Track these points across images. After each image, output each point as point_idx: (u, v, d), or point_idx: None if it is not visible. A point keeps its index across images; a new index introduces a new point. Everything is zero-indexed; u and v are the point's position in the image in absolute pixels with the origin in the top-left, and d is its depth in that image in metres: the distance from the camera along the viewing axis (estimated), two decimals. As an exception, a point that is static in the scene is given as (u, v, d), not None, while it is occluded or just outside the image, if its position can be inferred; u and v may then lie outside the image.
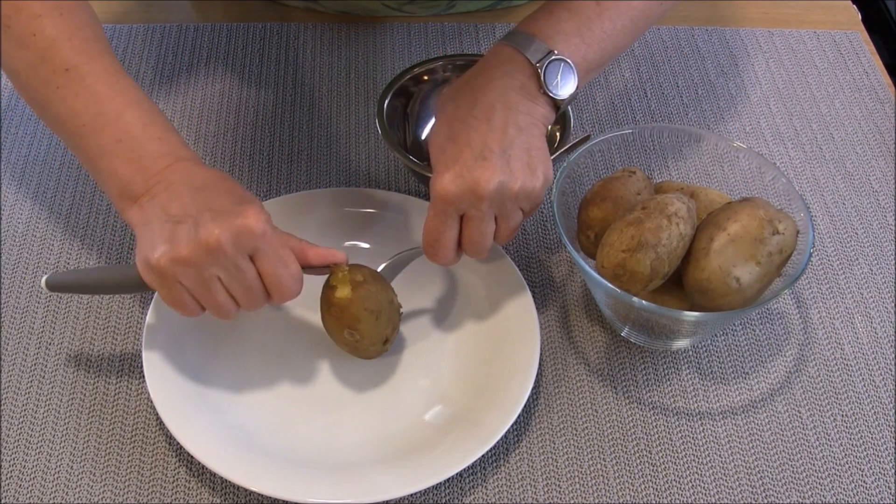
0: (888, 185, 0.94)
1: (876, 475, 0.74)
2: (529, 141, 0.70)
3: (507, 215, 0.71)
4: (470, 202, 0.69)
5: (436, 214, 0.70)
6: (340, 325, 0.73)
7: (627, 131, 0.83)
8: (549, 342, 0.81)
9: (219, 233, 0.63)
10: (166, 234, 0.64)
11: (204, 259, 0.64)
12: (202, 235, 0.63)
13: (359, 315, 0.72)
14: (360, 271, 0.72)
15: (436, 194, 0.69)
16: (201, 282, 0.65)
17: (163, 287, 0.66)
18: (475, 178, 0.68)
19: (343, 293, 0.71)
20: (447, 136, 0.70)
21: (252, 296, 0.67)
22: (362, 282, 0.71)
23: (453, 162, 0.68)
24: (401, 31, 1.04)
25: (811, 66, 1.04)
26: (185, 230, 0.64)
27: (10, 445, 0.73)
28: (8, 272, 0.83)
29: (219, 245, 0.63)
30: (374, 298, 0.72)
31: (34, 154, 0.91)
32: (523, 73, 0.72)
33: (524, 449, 0.74)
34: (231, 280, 0.66)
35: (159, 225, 0.65)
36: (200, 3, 1.07)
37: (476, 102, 0.70)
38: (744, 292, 0.71)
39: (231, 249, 0.64)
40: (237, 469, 0.69)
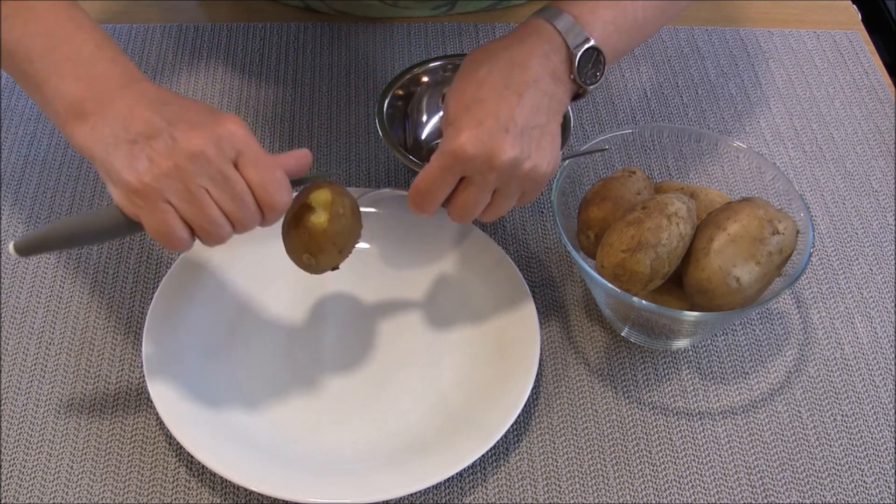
0: (888, 185, 0.94)
1: (876, 475, 0.74)
2: (549, 126, 0.70)
3: (507, 193, 0.70)
4: (480, 168, 0.67)
5: (440, 167, 0.68)
6: (301, 247, 0.69)
7: (627, 131, 0.83)
8: (549, 342, 0.81)
9: (200, 140, 0.60)
10: (140, 152, 0.60)
11: (188, 168, 0.60)
12: (183, 144, 0.60)
13: (325, 247, 0.69)
14: (343, 202, 0.69)
15: (450, 149, 0.67)
16: (189, 196, 0.61)
17: (147, 211, 0.61)
18: (494, 146, 0.66)
19: (319, 220, 0.67)
20: (475, 98, 0.68)
21: (244, 207, 0.63)
22: (342, 215, 0.68)
23: (476, 124, 0.67)
24: (401, 31, 1.04)
25: (811, 66, 1.04)
26: (162, 143, 0.60)
27: (10, 445, 0.73)
28: (8, 272, 0.83)
29: (201, 150, 0.60)
30: (345, 235, 0.69)
31: (34, 154, 0.91)
32: (559, 56, 0.71)
33: (524, 449, 0.74)
34: (220, 191, 0.62)
35: (127, 145, 0.61)
36: (200, 2, 1.07)
37: (511, 74, 0.69)
38: (744, 292, 0.71)
39: (215, 155, 0.61)
40: (237, 469, 0.69)
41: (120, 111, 0.62)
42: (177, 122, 0.61)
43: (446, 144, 0.67)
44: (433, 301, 0.82)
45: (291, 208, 0.69)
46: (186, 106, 0.64)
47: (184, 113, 0.62)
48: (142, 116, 0.61)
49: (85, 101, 0.63)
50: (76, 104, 0.63)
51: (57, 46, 0.64)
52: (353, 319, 0.81)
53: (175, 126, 0.61)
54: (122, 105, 0.62)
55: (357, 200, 0.71)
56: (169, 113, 0.62)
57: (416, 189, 0.70)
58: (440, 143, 0.68)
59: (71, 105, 0.63)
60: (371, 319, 0.81)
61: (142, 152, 0.61)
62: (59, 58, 0.64)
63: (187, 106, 0.64)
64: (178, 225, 0.62)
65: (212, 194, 0.62)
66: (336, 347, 0.79)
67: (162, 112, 0.62)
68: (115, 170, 0.61)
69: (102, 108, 0.62)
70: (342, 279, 0.83)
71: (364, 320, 0.81)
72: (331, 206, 0.68)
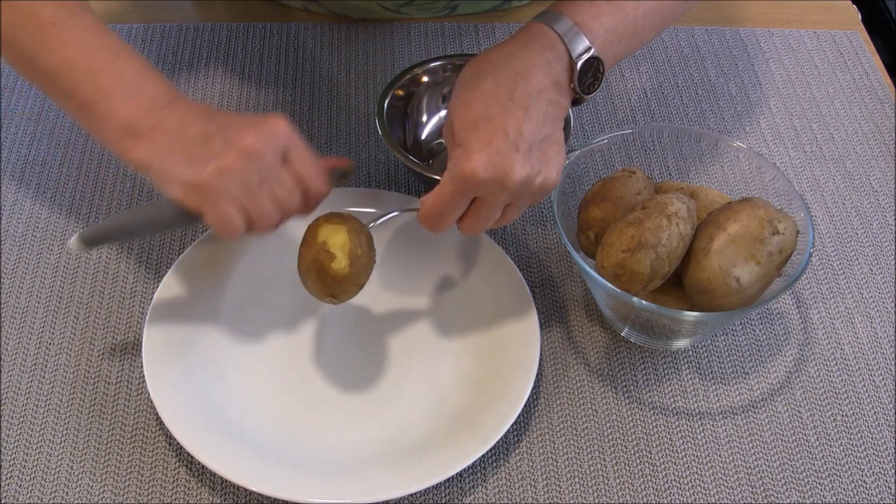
0: (888, 185, 0.94)
1: (876, 475, 0.74)
2: (554, 135, 0.70)
3: (518, 206, 0.71)
4: (492, 189, 0.68)
5: (453, 191, 0.68)
6: (324, 291, 0.71)
7: (627, 131, 0.83)
8: (549, 342, 0.81)
9: (254, 138, 0.66)
10: (198, 153, 0.66)
11: (246, 166, 0.66)
12: (240, 143, 0.66)
13: (347, 289, 0.70)
14: (360, 241, 0.70)
15: (462, 174, 0.67)
16: (246, 189, 0.66)
17: (208, 204, 0.66)
18: (506, 167, 0.67)
19: (339, 266, 0.69)
20: (483, 116, 0.68)
21: (292, 198, 0.69)
22: (359, 256, 0.70)
23: (486, 144, 0.67)
24: (401, 32, 1.04)
25: (811, 66, 1.04)
26: (219, 143, 0.66)
27: (10, 445, 0.73)
28: (8, 272, 0.83)
29: (257, 149, 0.66)
30: (365, 273, 0.71)
31: (34, 154, 0.91)
32: (561, 64, 0.71)
33: (524, 449, 0.74)
34: (273, 183, 0.67)
35: (184, 149, 0.66)
36: (201, 2, 1.07)
37: (516, 86, 0.69)
38: (744, 292, 0.71)
39: (269, 152, 0.66)
40: (237, 469, 0.69)
41: (172, 124, 0.67)
42: (228, 125, 0.67)
43: (458, 167, 0.67)
44: (433, 301, 0.82)
45: (308, 249, 0.71)
46: (232, 115, 0.69)
47: (230, 119, 0.68)
48: (193, 125, 0.67)
49: (140, 121, 0.67)
50: (130, 125, 0.67)
51: (102, 71, 0.68)
52: (354, 319, 0.81)
53: (228, 129, 0.67)
54: (174, 119, 0.67)
55: (370, 232, 0.72)
56: (219, 120, 0.68)
57: (429, 212, 0.71)
58: (449, 163, 0.69)
59: (125, 126, 0.67)
60: (371, 320, 0.81)
61: (201, 153, 0.66)
62: (106, 83, 0.68)
63: (233, 115, 0.70)
64: (236, 216, 0.67)
65: (266, 187, 0.67)
66: (336, 347, 0.79)
67: (211, 119, 0.68)
68: (174, 170, 0.66)
69: (155, 125, 0.67)
70: (342, 279, 0.83)
71: (364, 320, 0.81)
72: (349, 250, 0.69)
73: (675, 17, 0.79)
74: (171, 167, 0.66)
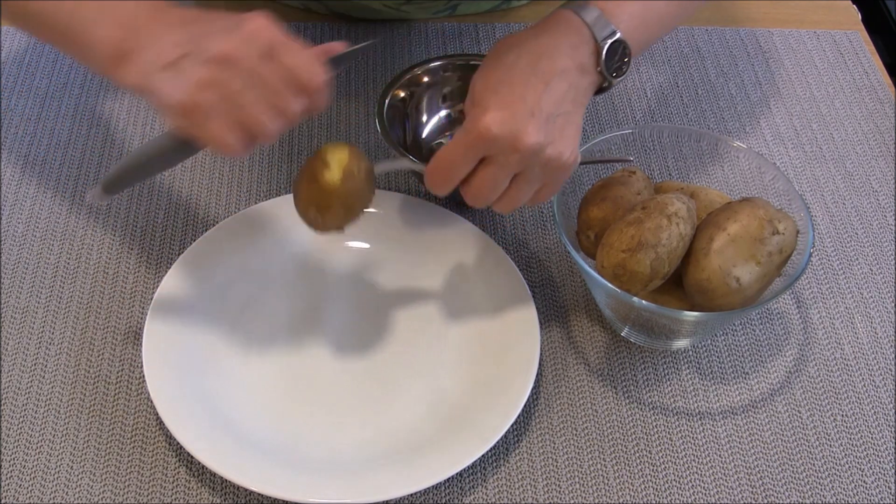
0: (888, 185, 0.94)
1: (876, 475, 0.74)
2: (573, 118, 0.70)
3: (528, 179, 0.69)
4: (503, 149, 0.67)
5: (462, 145, 0.67)
6: (310, 202, 0.70)
7: (627, 131, 0.83)
8: (549, 342, 0.81)
9: (227, 44, 0.62)
10: (175, 73, 0.62)
11: (222, 75, 0.62)
12: (211, 52, 0.62)
13: (333, 204, 0.69)
14: (359, 165, 0.69)
15: (475, 128, 0.66)
16: (233, 100, 0.62)
17: (197, 125, 0.63)
18: (520, 128, 0.66)
19: (332, 177, 0.68)
20: (503, 81, 0.68)
21: (285, 96, 0.63)
22: (355, 176, 0.69)
23: (503, 106, 0.66)
24: (401, 32, 1.04)
25: (811, 66, 1.04)
26: (192, 58, 0.62)
27: (10, 445, 0.73)
28: (8, 272, 0.83)
29: (230, 54, 0.62)
30: (354, 196, 0.70)
31: (34, 154, 0.91)
32: (586, 48, 0.71)
33: (524, 449, 0.74)
34: (258, 87, 0.62)
35: (161, 72, 0.62)
36: (201, 3, 1.07)
37: (539, 62, 0.69)
38: (744, 292, 0.71)
39: (245, 55, 0.62)
40: (237, 469, 0.69)
41: (151, 41, 0.63)
42: (204, 35, 0.63)
43: (471, 123, 0.67)
44: (433, 301, 0.82)
45: (307, 163, 0.69)
46: (213, 19, 0.65)
47: (210, 26, 0.64)
48: (170, 40, 0.63)
49: (122, 41, 0.64)
50: (115, 47, 0.64)
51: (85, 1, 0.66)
52: (353, 319, 0.81)
53: (203, 40, 0.62)
54: (151, 34, 0.64)
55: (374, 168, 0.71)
56: (196, 30, 0.63)
57: (436, 165, 0.69)
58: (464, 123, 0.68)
59: (111, 50, 0.64)
60: (371, 319, 0.81)
61: (177, 72, 0.62)
62: (88, 10, 0.66)
63: (213, 19, 0.65)
64: (229, 132, 0.63)
65: (252, 92, 0.63)
66: (336, 347, 0.79)
67: (189, 31, 0.63)
68: (159, 96, 0.63)
69: (138, 42, 0.64)
70: (342, 279, 0.83)
71: (364, 320, 0.81)
72: (346, 165, 0.68)
73: (695, 8, 0.81)
74: (154, 91, 0.63)
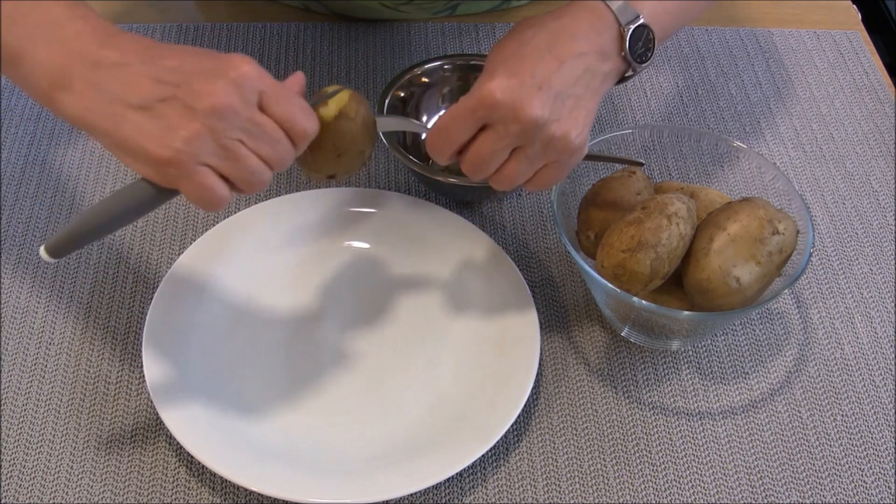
0: (888, 185, 0.94)
1: (876, 475, 0.74)
2: (586, 102, 0.68)
3: (527, 154, 0.67)
4: (505, 117, 0.65)
5: (466, 108, 0.66)
6: None
7: (627, 131, 0.83)
8: (549, 342, 0.81)
9: (221, 91, 0.57)
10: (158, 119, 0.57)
11: (218, 125, 0.58)
12: (205, 100, 0.57)
13: (324, 143, 0.66)
14: (358, 109, 0.67)
15: (479, 93, 0.65)
16: (225, 153, 0.59)
17: (184, 177, 0.58)
18: (524, 99, 0.65)
19: (327, 113, 0.65)
20: (516, 53, 0.67)
21: (280, 147, 0.61)
22: (351, 119, 0.67)
23: (511, 75, 0.65)
24: (401, 31, 1.04)
25: (811, 66, 1.04)
26: (179, 104, 0.57)
27: (10, 445, 0.73)
28: (8, 272, 0.83)
29: (226, 104, 0.57)
30: (347, 139, 0.67)
31: (34, 154, 0.91)
32: (609, 33, 0.69)
33: (524, 449, 0.74)
34: (254, 139, 0.60)
35: (137, 113, 0.57)
36: (201, 2, 1.07)
37: (557, 41, 0.67)
38: (744, 292, 0.71)
39: (241, 104, 0.58)
40: (238, 469, 0.69)
41: (110, 75, 0.58)
42: (186, 77, 0.58)
43: (475, 89, 0.66)
44: (433, 301, 0.82)
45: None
46: (184, 56, 0.60)
47: (187, 64, 0.59)
48: (141, 78, 0.58)
49: (63, 68, 0.59)
50: (55, 72, 0.59)
51: (26, 14, 0.60)
52: (353, 319, 0.81)
53: (188, 83, 0.58)
54: (108, 66, 0.58)
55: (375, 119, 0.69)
56: (170, 67, 0.58)
57: (437, 127, 0.68)
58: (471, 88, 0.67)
59: (51, 74, 0.59)
60: (371, 319, 0.81)
61: (162, 119, 0.57)
62: (30, 26, 0.60)
63: (185, 56, 0.60)
64: (219, 184, 0.59)
65: (247, 144, 0.60)
66: (336, 347, 0.79)
67: (162, 68, 0.58)
68: (134, 144, 0.58)
69: (86, 71, 0.58)
70: (342, 279, 0.83)
71: (364, 320, 0.81)
72: (343, 106, 0.66)
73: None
74: (127, 137, 0.57)
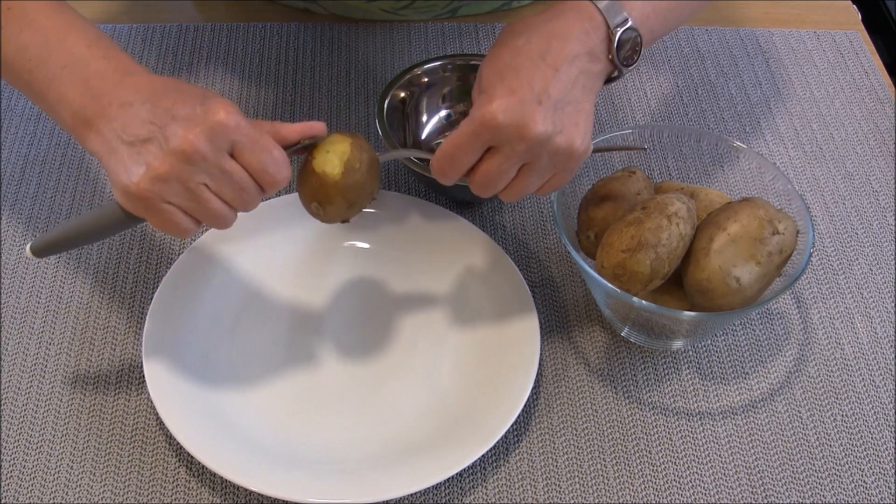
0: (888, 185, 0.94)
1: (876, 475, 0.74)
2: (584, 105, 0.69)
3: (536, 168, 0.68)
4: (510, 138, 0.66)
5: (469, 133, 0.66)
6: (311, 195, 0.68)
7: (627, 131, 0.83)
8: (549, 342, 0.81)
9: (193, 137, 0.61)
10: (136, 156, 0.61)
11: (185, 170, 0.61)
12: (175, 145, 0.61)
13: (334, 199, 0.67)
14: (361, 157, 0.67)
15: (481, 116, 0.65)
16: (189, 195, 0.62)
17: (150, 212, 0.63)
18: (527, 116, 0.65)
19: (333, 171, 0.66)
20: (510, 66, 0.67)
21: (245, 194, 0.64)
22: (356, 170, 0.67)
23: (510, 93, 0.65)
24: (401, 32, 1.04)
25: (811, 66, 1.04)
26: (156, 146, 0.61)
27: (10, 445, 0.73)
28: (8, 272, 0.83)
29: (195, 150, 0.61)
30: (357, 190, 0.68)
31: (34, 154, 0.91)
32: (598, 35, 0.69)
33: (524, 449, 0.74)
34: (219, 184, 0.63)
35: (125, 148, 0.62)
36: (201, 2, 1.07)
37: (549, 47, 0.67)
38: (744, 292, 0.71)
39: (210, 151, 0.61)
40: (237, 469, 0.69)
41: (118, 113, 0.63)
42: (169, 120, 0.62)
43: (477, 111, 0.66)
44: (433, 301, 0.82)
45: (309, 153, 0.68)
46: (177, 95, 0.63)
47: (174, 108, 0.62)
48: (137, 118, 0.62)
49: (86, 108, 0.63)
50: (79, 112, 0.64)
51: (52, 54, 0.65)
52: (353, 320, 0.81)
53: (168, 126, 0.61)
54: (118, 105, 0.63)
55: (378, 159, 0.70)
56: (160, 110, 0.62)
57: (442, 153, 0.68)
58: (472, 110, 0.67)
59: (75, 113, 0.64)
60: (371, 320, 0.81)
61: (139, 156, 0.62)
62: (54, 66, 0.65)
63: (178, 95, 0.63)
64: (182, 219, 0.63)
65: (211, 188, 0.63)
66: (336, 348, 0.79)
67: (154, 110, 0.62)
68: (114, 173, 0.62)
69: (103, 109, 0.63)
70: (342, 279, 0.83)
71: (364, 320, 0.81)
72: (347, 159, 0.67)
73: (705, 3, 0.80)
74: (112, 167, 0.62)
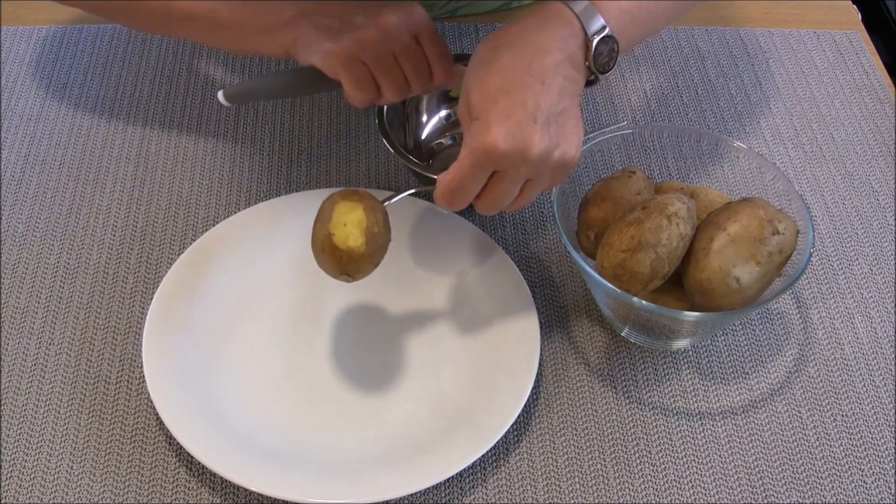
0: (888, 185, 0.94)
1: (876, 475, 0.74)
2: (572, 111, 0.70)
3: (537, 183, 0.70)
4: (514, 162, 0.67)
5: (472, 164, 0.67)
6: (338, 269, 0.69)
7: (627, 131, 0.83)
8: (549, 342, 0.81)
9: (395, 18, 0.76)
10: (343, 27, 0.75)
11: (384, 39, 0.75)
12: (381, 20, 0.75)
13: (363, 267, 0.69)
14: (377, 219, 0.69)
15: (482, 147, 0.66)
16: (381, 58, 0.75)
17: (344, 68, 0.75)
18: (526, 139, 0.66)
19: (356, 244, 0.67)
20: (501, 89, 0.68)
21: (420, 72, 0.77)
22: (377, 234, 0.68)
23: (505, 118, 0.66)
24: (401, 31, 1.03)
25: (811, 66, 1.04)
26: (362, 19, 0.75)
27: (10, 445, 0.73)
28: (8, 272, 0.83)
29: (395, 27, 0.75)
30: (381, 251, 0.69)
31: (34, 154, 0.91)
32: (576, 42, 0.70)
33: (524, 449, 0.74)
34: (405, 58, 0.76)
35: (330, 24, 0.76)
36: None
37: (533, 59, 0.68)
38: (744, 292, 0.71)
39: (404, 31, 0.76)
40: (237, 469, 0.69)
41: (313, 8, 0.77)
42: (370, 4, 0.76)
43: (477, 140, 0.66)
44: (433, 301, 0.82)
45: (322, 227, 0.68)
46: None
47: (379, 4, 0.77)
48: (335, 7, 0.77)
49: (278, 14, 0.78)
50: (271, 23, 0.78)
51: None
52: (353, 320, 0.81)
53: (370, 7, 0.76)
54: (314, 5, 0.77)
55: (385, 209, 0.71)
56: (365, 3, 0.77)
57: (447, 187, 0.69)
58: (467, 137, 0.67)
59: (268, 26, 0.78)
60: (371, 320, 0.81)
61: (344, 27, 0.76)
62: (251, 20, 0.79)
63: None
64: (369, 81, 0.76)
65: (398, 60, 0.76)
66: (336, 348, 0.79)
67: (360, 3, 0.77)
68: (318, 42, 0.76)
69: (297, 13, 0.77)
70: (342, 279, 0.83)
71: (364, 321, 0.81)
72: (366, 227, 0.68)
73: (685, 9, 0.81)
74: (315, 39, 0.76)
